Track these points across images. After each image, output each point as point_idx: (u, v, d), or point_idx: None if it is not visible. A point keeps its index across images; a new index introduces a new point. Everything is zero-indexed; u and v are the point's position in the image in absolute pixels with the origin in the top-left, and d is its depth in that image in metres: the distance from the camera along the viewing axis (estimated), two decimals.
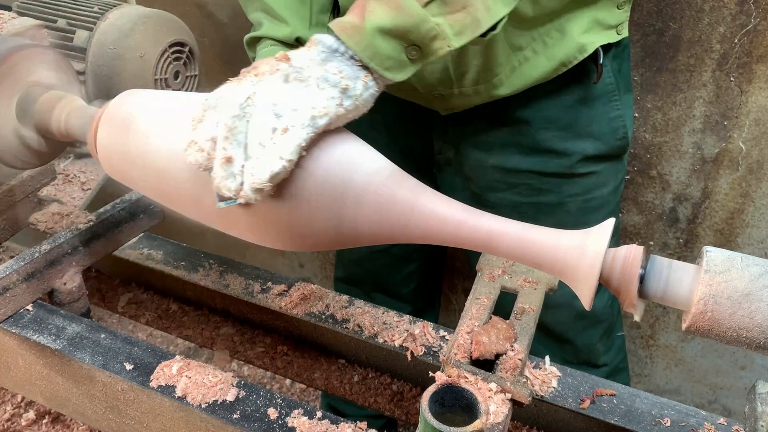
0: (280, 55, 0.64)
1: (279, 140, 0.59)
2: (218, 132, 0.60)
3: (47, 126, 0.76)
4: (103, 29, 0.91)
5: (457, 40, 0.70)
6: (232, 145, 0.59)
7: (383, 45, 0.67)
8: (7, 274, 0.79)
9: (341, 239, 0.64)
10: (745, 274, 0.53)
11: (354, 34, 0.66)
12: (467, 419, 0.55)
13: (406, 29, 0.67)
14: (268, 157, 0.59)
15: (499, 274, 0.78)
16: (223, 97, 0.61)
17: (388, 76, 0.67)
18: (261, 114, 0.60)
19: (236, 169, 0.59)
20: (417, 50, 0.69)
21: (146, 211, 0.96)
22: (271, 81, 0.62)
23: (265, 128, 0.59)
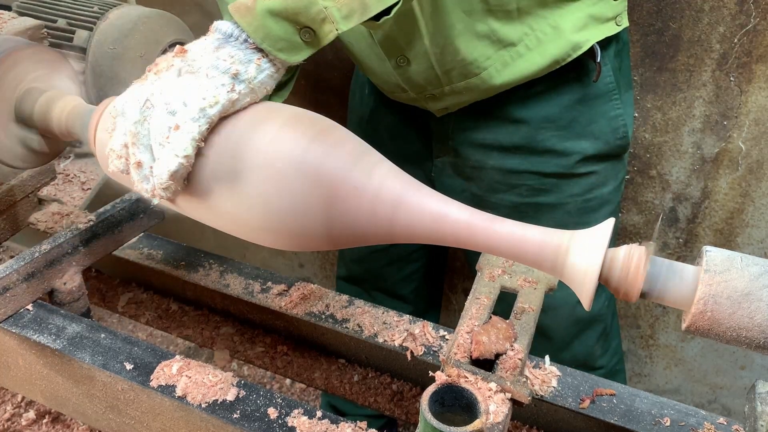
0: (177, 49, 0.66)
1: (173, 138, 0.61)
2: (127, 138, 0.63)
3: (47, 126, 0.76)
4: (103, 29, 0.91)
5: (345, 23, 0.70)
6: (139, 149, 0.62)
7: (274, 26, 0.67)
8: (7, 274, 0.79)
9: (343, 240, 0.63)
10: (745, 274, 0.53)
11: (246, 15, 0.66)
12: (467, 419, 0.56)
13: (295, 11, 0.67)
14: (166, 156, 0.61)
15: (499, 274, 0.78)
16: (128, 102, 0.64)
17: (282, 57, 0.68)
18: (158, 115, 0.62)
19: (146, 172, 0.63)
20: (311, 33, 0.69)
21: (146, 211, 0.96)
22: (165, 79, 0.63)
23: (162, 128, 0.61)
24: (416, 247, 1.35)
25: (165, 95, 0.62)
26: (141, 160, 0.62)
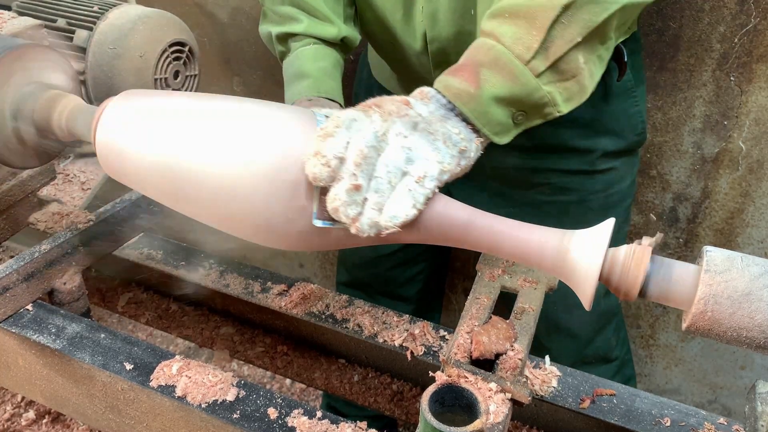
0: (402, 98, 0.66)
1: (414, 187, 0.60)
2: (349, 154, 0.59)
3: (47, 125, 0.76)
4: (102, 29, 0.91)
5: (566, 106, 0.74)
6: (363, 173, 0.59)
7: (497, 112, 0.70)
8: (7, 274, 0.79)
9: (341, 239, 0.63)
10: (745, 274, 0.53)
11: (469, 102, 0.68)
12: (467, 419, 0.55)
13: (520, 98, 0.71)
14: (402, 201, 0.60)
15: (499, 274, 0.78)
16: (357, 121, 0.61)
17: (495, 140, 0.71)
18: (394, 153, 0.61)
19: (359, 198, 0.59)
20: (523, 115, 0.73)
21: (146, 211, 0.96)
22: (402, 123, 0.63)
23: (397, 168, 0.60)
24: (423, 249, 1.34)
25: (404, 141, 0.62)
26: (362, 185, 0.59)
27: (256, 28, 1.05)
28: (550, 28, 0.70)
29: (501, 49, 0.71)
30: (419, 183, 0.60)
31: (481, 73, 0.70)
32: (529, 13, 0.71)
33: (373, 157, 0.60)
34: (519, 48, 0.70)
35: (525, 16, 0.71)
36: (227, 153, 0.63)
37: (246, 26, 1.68)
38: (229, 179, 0.62)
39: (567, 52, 0.71)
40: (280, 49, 1.01)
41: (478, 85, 0.69)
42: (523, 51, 0.70)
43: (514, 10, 0.72)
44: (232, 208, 0.63)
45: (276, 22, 1.00)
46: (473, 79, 0.69)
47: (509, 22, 0.71)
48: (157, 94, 0.73)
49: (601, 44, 0.76)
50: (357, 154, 0.59)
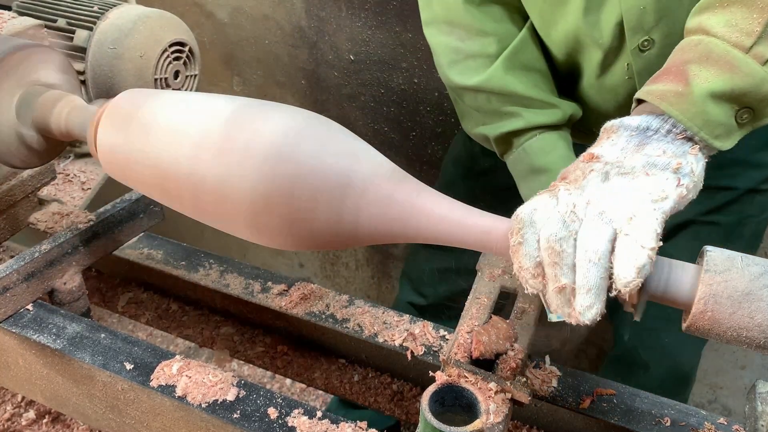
0: (585, 155, 0.58)
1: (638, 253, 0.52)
2: (543, 255, 0.54)
3: (47, 125, 0.76)
4: (103, 29, 0.91)
5: None
6: (563, 270, 0.54)
7: (715, 111, 0.60)
8: (7, 274, 0.79)
9: (340, 238, 0.64)
10: (745, 274, 0.53)
11: (679, 102, 0.59)
12: (467, 419, 0.56)
13: (743, 91, 0.60)
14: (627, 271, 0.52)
15: (499, 274, 0.78)
16: (538, 210, 0.55)
17: (716, 145, 0.61)
18: (591, 228, 0.53)
19: (569, 294, 0.54)
20: (749, 113, 0.62)
21: (146, 211, 0.96)
22: (589, 186, 0.55)
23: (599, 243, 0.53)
24: None
25: (596, 205, 0.54)
26: (566, 284, 0.54)
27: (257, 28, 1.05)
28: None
29: (712, 41, 0.61)
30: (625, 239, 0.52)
31: (689, 71, 0.60)
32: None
33: (567, 247, 0.53)
34: (736, 35, 0.60)
35: (741, 1, 0.60)
36: (227, 153, 0.63)
37: (246, 26, 1.68)
38: (229, 179, 0.62)
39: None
40: (500, 149, 0.94)
41: (688, 82, 0.59)
42: (743, 37, 0.59)
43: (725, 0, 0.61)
44: (232, 208, 0.63)
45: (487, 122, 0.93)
46: (680, 78, 0.60)
47: (720, 11, 0.61)
48: (157, 94, 0.73)
49: None
50: (548, 253, 0.53)
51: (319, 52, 1.62)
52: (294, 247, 0.66)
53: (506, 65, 0.88)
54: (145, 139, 0.67)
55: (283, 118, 0.64)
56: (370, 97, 1.61)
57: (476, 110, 0.94)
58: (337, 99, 1.67)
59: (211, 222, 0.68)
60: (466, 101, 0.95)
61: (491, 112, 0.92)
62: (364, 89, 1.62)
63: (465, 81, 0.91)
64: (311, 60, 1.65)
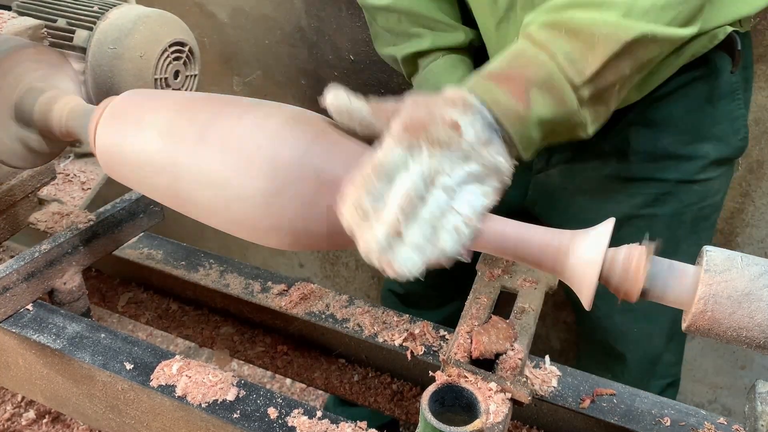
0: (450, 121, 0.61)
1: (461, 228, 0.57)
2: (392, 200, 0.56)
3: (47, 125, 0.76)
4: (103, 29, 0.91)
5: (593, 128, 0.72)
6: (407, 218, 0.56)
7: (535, 131, 0.67)
8: (7, 274, 0.79)
9: (334, 238, 0.63)
10: (745, 274, 0.53)
11: (516, 122, 0.65)
12: (467, 419, 0.55)
13: (560, 121, 0.68)
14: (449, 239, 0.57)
15: (499, 274, 0.78)
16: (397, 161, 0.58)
17: (522, 155, 0.68)
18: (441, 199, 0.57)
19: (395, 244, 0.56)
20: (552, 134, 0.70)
21: (146, 211, 0.96)
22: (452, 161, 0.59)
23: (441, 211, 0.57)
24: None
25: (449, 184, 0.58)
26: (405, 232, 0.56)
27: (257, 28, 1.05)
28: (608, 60, 0.67)
29: (554, 68, 0.67)
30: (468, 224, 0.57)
31: (531, 93, 0.66)
32: (591, 38, 0.67)
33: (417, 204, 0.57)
34: (572, 71, 0.67)
35: (585, 40, 0.67)
36: (226, 153, 0.63)
37: (246, 26, 1.68)
38: (229, 179, 0.62)
39: (612, 83, 0.69)
40: (408, 69, 0.99)
41: (528, 105, 0.66)
42: (575, 75, 0.67)
43: (575, 28, 0.68)
44: (231, 208, 0.63)
45: (396, 43, 0.99)
46: (522, 98, 0.66)
47: (566, 39, 0.68)
48: (157, 94, 0.73)
49: (639, 74, 0.74)
50: (404, 201, 0.56)
51: (319, 52, 1.62)
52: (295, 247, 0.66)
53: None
54: (145, 139, 0.67)
55: (285, 118, 0.64)
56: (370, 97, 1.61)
57: (387, 31, 1.00)
58: None
59: (213, 223, 0.68)
60: (378, 22, 1.01)
61: (401, 33, 0.99)
62: (364, 89, 1.62)
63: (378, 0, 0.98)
64: (311, 60, 1.65)
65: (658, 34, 0.68)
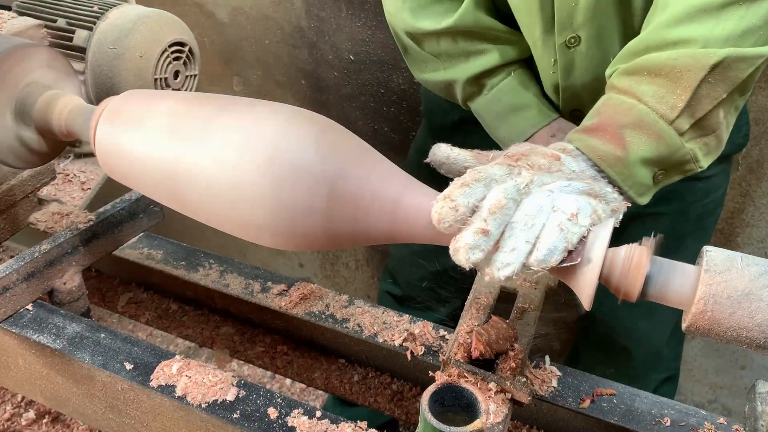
0: (551, 152, 0.63)
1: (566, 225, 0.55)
2: (484, 203, 0.56)
3: (47, 125, 0.76)
4: (102, 29, 0.91)
5: (706, 160, 0.73)
6: (495, 222, 0.56)
7: (641, 173, 0.69)
8: (7, 274, 0.79)
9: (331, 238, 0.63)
10: (745, 274, 0.53)
11: (616, 164, 0.67)
12: (467, 419, 0.55)
13: (664, 158, 0.69)
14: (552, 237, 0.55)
15: None
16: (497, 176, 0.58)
17: (638, 200, 0.70)
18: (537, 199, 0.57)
19: (485, 245, 0.55)
20: (663, 173, 0.71)
21: (146, 211, 0.96)
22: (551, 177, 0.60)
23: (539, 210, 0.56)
24: None
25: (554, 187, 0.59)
26: (490, 230, 0.55)
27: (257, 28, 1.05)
28: (697, 88, 0.68)
29: (644, 109, 0.68)
30: (572, 221, 0.55)
31: (625, 135, 0.68)
32: (673, 72, 0.68)
33: (511, 207, 0.56)
34: (663, 107, 0.68)
35: (668, 75, 0.68)
36: (226, 153, 0.63)
37: (246, 26, 1.68)
38: (228, 179, 0.62)
39: (711, 110, 0.70)
40: (469, 91, 0.95)
41: (625, 147, 0.67)
42: (668, 110, 0.68)
43: (655, 68, 0.69)
44: (231, 208, 0.63)
45: (451, 66, 0.94)
46: (618, 142, 0.67)
47: (649, 80, 0.69)
48: (157, 94, 0.73)
49: (741, 96, 0.74)
50: (493, 203, 0.55)
51: (319, 52, 1.62)
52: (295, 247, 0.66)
53: (476, 2, 0.91)
54: (144, 139, 0.67)
55: (285, 118, 0.64)
56: (370, 97, 1.61)
57: (437, 56, 0.95)
58: (337, 99, 1.67)
59: (212, 223, 0.68)
60: (426, 48, 0.96)
61: (457, 55, 0.94)
62: (364, 89, 1.62)
63: (435, 25, 0.92)
64: (311, 60, 1.65)
65: (746, 55, 0.69)
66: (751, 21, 0.68)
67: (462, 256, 0.56)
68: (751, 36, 0.69)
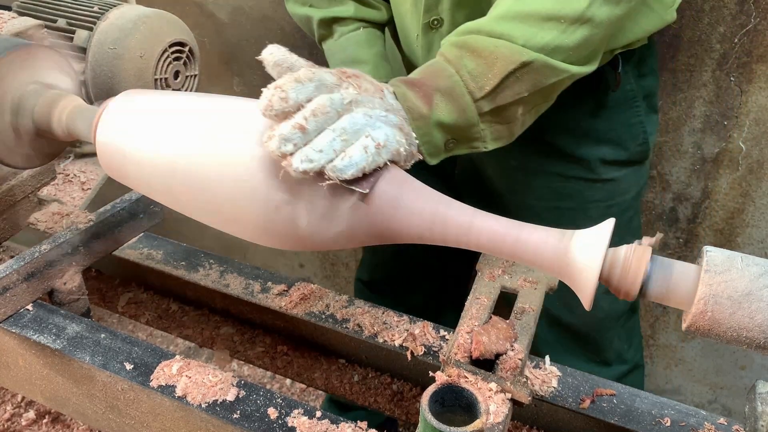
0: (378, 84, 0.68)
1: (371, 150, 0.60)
2: (309, 104, 0.59)
3: (48, 126, 0.76)
4: (103, 29, 0.91)
5: (492, 144, 0.80)
6: (315, 123, 0.59)
7: (437, 135, 0.75)
8: (7, 274, 0.79)
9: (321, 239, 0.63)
10: (745, 274, 0.53)
11: (419, 120, 0.73)
12: (467, 419, 0.55)
13: (459, 128, 0.76)
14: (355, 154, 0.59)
15: (499, 273, 0.78)
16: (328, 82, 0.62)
17: (427, 159, 0.76)
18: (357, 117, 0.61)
19: (299, 140, 0.58)
20: (454, 143, 0.77)
21: (146, 211, 0.96)
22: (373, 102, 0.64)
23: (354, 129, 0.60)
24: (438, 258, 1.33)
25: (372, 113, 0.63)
26: (307, 128, 0.58)
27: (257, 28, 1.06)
28: (505, 78, 0.74)
29: (458, 81, 0.75)
30: (377, 150, 0.60)
31: (434, 97, 0.74)
32: (491, 57, 0.75)
33: (332, 116, 0.60)
34: (473, 85, 0.75)
35: (486, 58, 0.75)
36: (225, 152, 0.63)
37: (246, 26, 1.68)
38: (228, 179, 0.62)
39: (511, 103, 0.77)
40: (321, 32, 1.02)
41: (431, 107, 0.73)
42: (476, 89, 0.75)
43: (478, 49, 0.76)
44: (231, 208, 0.63)
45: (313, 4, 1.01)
46: (427, 101, 0.74)
47: (470, 57, 0.75)
48: (157, 94, 0.73)
49: (543, 101, 0.82)
50: (318, 106, 0.59)
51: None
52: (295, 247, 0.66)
53: None
54: (144, 139, 0.67)
55: None
56: None
57: None
58: None
59: (213, 223, 0.68)
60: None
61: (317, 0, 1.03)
62: None
63: None
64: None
65: (554, 65, 0.77)
66: (565, 41, 0.77)
67: (274, 144, 0.58)
68: (560, 53, 0.77)
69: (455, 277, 1.42)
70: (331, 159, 0.59)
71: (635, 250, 0.56)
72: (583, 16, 0.77)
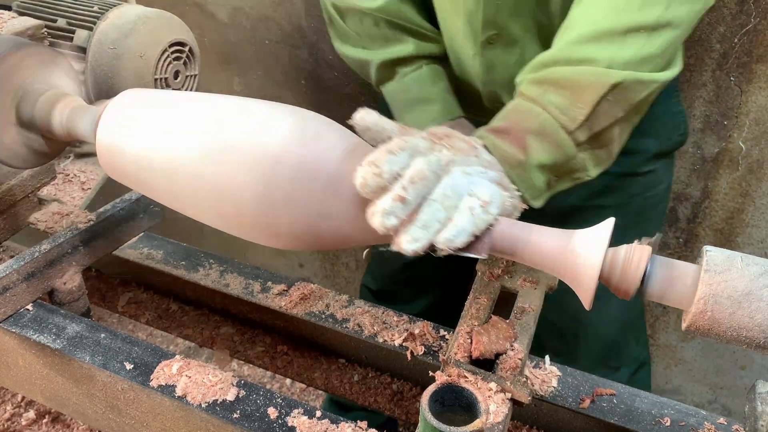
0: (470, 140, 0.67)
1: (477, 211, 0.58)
2: (407, 172, 0.57)
3: (47, 126, 0.76)
4: (103, 29, 0.91)
5: (595, 170, 0.78)
6: (415, 191, 0.57)
7: (537, 177, 0.73)
8: (7, 274, 0.79)
9: (320, 238, 0.63)
10: (745, 274, 0.53)
11: (516, 167, 0.71)
12: (467, 419, 0.55)
13: (559, 164, 0.74)
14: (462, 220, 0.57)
15: (499, 273, 0.78)
16: (421, 148, 0.60)
17: (531, 203, 0.74)
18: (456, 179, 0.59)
19: (402, 213, 0.57)
20: (556, 180, 0.76)
21: (146, 211, 0.96)
22: (468, 160, 0.63)
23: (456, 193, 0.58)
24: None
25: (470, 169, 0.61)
26: (407, 198, 0.57)
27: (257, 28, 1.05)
28: (597, 104, 0.72)
29: (547, 118, 0.73)
30: (483, 208, 0.58)
31: (527, 140, 0.71)
32: (577, 86, 0.72)
33: (432, 180, 0.58)
34: (564, 118, 0.72)
35: (572, 89, 0.73)
36: (225, 152, 0.63)
37: (246, 26, 1.68)
38: (228, 178, 0.62)
39: (608, 126, 0.74)
40: (381, 75, 0.98)
41: (526, 152, 0.71)
42: (568, 122, 0.72)
43: (560, 81, 0.73)
44: (231, 208, 0.63)
45: (369, 46, 0.98)
46: (521, 146, 0.71)
47: (554, 91, 0.73)
48: (158, 94, 0.73)
49: (637, 115, 0.79)
50: (415, 173, 0.57)
51: (319, 52, 1.62)
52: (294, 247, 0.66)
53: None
54: (144, 139, 0.67)
55: (284, 118, 0.64)
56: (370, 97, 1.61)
57: (358, 34, 0.99)
58: (337, 99, 1.67)
59: (213, 222, 0.68)
60: (349, 23, 0.99)
61: (376, 37, 0.98)
62: (364, 89, 1.62)
63: (362, 3, 0.96)
64: (311, 60, 1.65)
65: (643, 79, 0.74)
66: (650, 50, 0.74)
67: (377, 220, 0.57)
68: (648, 63, 0.74)
69: (463, 290, 1.41)
70: (439, 230, 0.57)
71: (635, 250, 0.56)
72: (663, 20, 0.74)
